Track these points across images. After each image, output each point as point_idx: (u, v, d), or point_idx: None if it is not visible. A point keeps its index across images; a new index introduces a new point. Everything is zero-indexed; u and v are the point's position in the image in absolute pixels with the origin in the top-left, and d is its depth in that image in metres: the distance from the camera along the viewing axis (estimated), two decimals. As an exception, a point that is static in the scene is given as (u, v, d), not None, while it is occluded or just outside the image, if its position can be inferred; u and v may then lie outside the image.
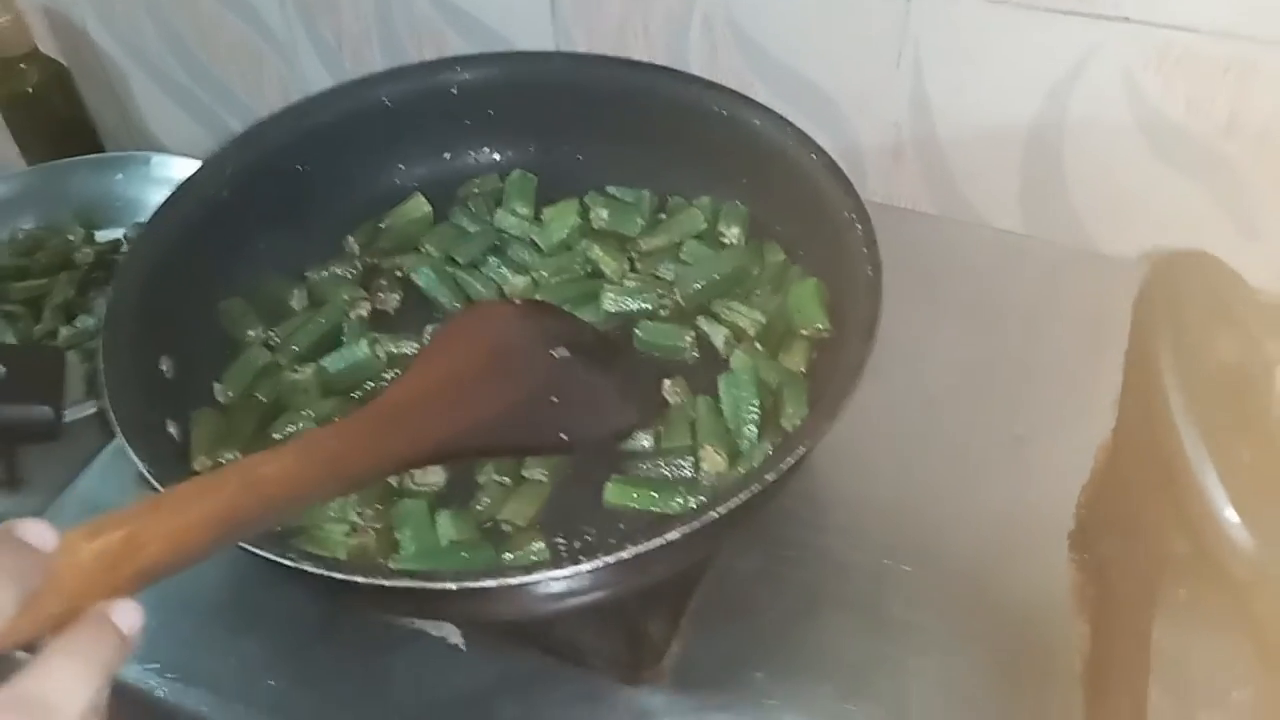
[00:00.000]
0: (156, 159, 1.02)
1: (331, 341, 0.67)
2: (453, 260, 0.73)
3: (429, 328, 0.69)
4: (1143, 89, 0.72)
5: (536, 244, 0.73)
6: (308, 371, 0.66)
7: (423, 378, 0.58)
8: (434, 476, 0.60)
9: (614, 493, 0.59)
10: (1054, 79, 0.75)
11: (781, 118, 0.67)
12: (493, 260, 0.73)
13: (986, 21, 0.74)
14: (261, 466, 0.43)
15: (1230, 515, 0.36)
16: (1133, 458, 0.53)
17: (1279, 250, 0.75)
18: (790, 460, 0.48)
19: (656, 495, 0.58)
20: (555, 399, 0.60)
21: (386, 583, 0.45)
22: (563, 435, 0.60)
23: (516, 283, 0.71)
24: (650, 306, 0.68)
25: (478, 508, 0.59)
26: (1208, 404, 0.38)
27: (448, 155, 0.77)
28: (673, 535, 0.46)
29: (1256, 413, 0.40)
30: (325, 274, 0.72)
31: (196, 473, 0.58)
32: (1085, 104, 0.75)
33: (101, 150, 1.11)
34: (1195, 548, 0.38)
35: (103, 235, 1.00)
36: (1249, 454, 0.38)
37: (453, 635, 0.58)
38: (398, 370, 0.66)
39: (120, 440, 0.51)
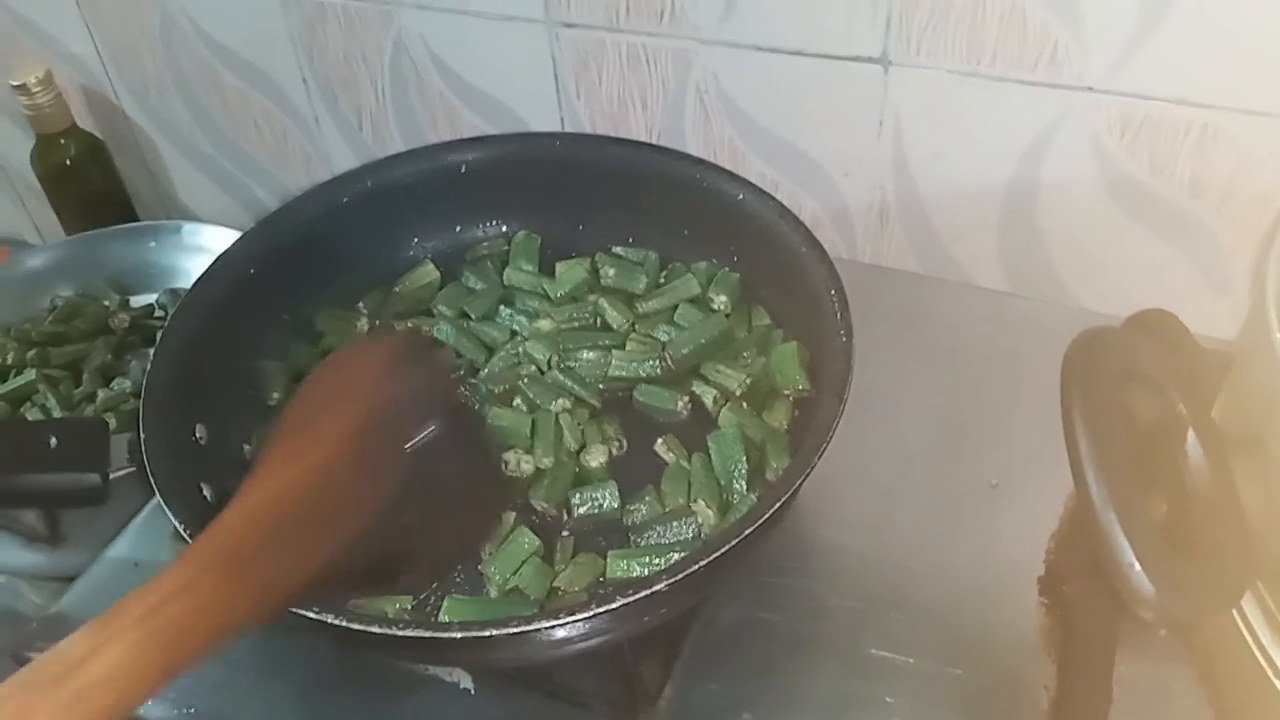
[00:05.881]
0: (188, 227, 1.07)
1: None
2: (465, 315, 0.78)
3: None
4: (1109, 152, 0.77)
5: (546, 294, 0.79)
6: None
7: (284, 483, 0.45)
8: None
9: (615, 566, 0.62)
10: (1026, 144, 0.79)
11: (763, 191, 0.72)
12: (505, 311, 0.78)
13: (959, 92, 0.78)
14: (83, 673, 0.34)
15: (1132, 562, 0.40)
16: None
17: (1245, 304, 0.79)
18: (767, 515, 0.53)
19: (656, 561, 0.62)
20: (409, 510, 0.48)
21: (399, 632, 0.50)
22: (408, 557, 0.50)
23: (539, 325, 0.76)
24: (650, 373, 0.73)
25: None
26: (1117, 461, 0.42)
27: (458, 228, 0.82)
28: (659, 587, 0.51)
29: (1171, 470, 0.44)
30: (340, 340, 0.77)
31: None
32: (1057, 167, 0.79)
33: (135, 219, 1.16)
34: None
35: (137, 301, 1.04)
36: (1164, 506, 0.42)
37: (464, 680, 0.63)
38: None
39: (160, 503, 0.56)
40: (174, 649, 0.37)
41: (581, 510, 0.66)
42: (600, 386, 0.73)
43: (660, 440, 0.69)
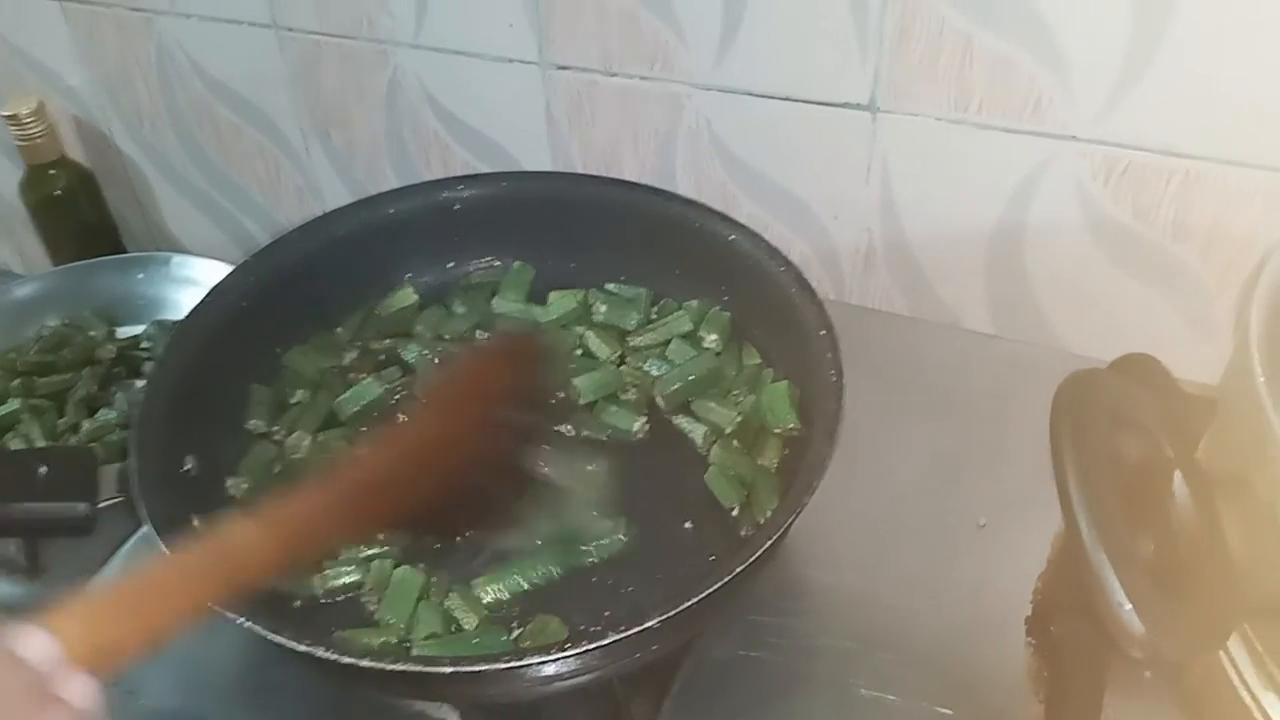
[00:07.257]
0: (176, 259, 1.06)
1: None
2: (442, 338, 0.79)
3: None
4: (1094, 198, 0.78)
5: (536, 322, 0.79)
6: (305, 444, 0.72)
7: (398, 454, 0.57)
8: None
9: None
10: (1011, 189, 0.80)
11: (754, 232, 0.73)
12: (481, 335, 0.79)
13: (946, 138, 0.79)
14: (232, 540, 0.46)
15: (1123, 602, 0.41)
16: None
17: (1229, 348, 0.80)
18: (757, 554, 0.53)
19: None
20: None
21: (388, 666, 0.50)
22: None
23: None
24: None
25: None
26: (1106, 501, 0.43)
27: (451, 264, 0.83)
28: (650, 623, 0.51)
29: (1158, 511, 0.45)
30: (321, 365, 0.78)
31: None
32: (1042, 211, 0.80)
33: (124, 251, 1.15)
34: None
35: (124, 332, 1.03)
36: (1152, 546, 0.42)
37: (450, 716, 0.63)
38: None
39: (152, 535, 0.55)
40: (293, 539, 0.48)
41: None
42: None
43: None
